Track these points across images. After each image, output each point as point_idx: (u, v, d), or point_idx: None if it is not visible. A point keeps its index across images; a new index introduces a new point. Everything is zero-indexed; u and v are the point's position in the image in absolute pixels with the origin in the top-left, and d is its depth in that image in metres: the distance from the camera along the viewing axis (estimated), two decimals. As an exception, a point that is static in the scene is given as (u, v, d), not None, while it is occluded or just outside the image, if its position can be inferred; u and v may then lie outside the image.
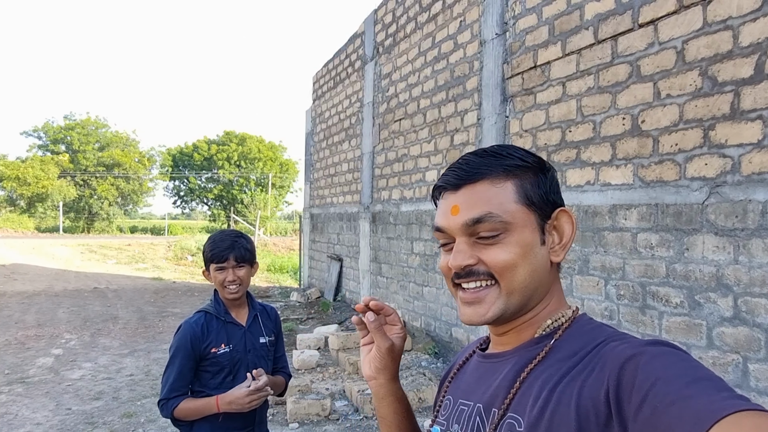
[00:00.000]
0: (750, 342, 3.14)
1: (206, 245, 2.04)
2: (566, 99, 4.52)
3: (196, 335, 1.96)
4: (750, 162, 3.15)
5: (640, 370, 0.60)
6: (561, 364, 0.71)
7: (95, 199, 37.95)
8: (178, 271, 17.04)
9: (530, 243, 0.76)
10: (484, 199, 0.76)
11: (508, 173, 0.77)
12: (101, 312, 9.71)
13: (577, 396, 0.65)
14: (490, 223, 0.75)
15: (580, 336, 0.75)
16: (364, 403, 4.65)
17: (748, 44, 3.16)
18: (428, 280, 6.75)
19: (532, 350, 0.76)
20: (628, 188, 3.93)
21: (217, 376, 1.98)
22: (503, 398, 0.74)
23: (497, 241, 0.75)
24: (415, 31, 7.19)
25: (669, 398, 0.55)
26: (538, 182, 0.78)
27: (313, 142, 11.98)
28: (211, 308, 2.04)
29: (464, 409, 0.82)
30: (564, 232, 0.79)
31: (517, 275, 0.75)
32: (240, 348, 2.03)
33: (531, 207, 0.77)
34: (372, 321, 0.91)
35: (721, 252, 3.30)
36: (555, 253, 0.78)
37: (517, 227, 0.76)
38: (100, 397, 5.08)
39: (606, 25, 4.11)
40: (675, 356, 0.62)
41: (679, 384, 0.56)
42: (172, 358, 1.96)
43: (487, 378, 0.81)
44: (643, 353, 0.63)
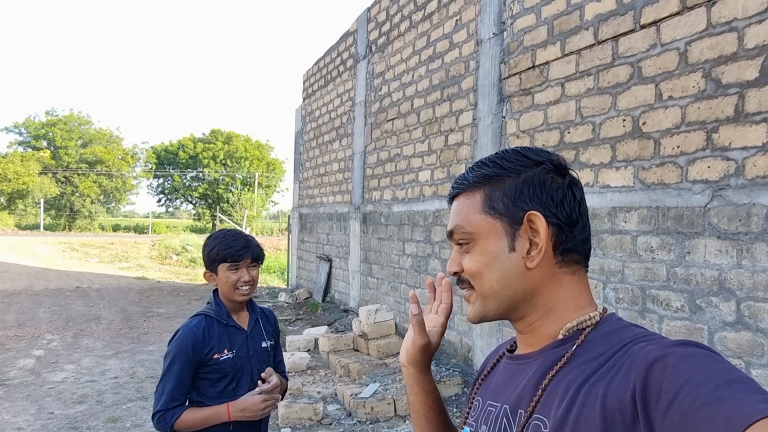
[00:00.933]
0: (753, 347, 3.11)
1: (214, 244, 1.91)
2: (565, 100, 4.47)
3: (198, 340, 1.83)
4: (754, 165, 3.12)
5: (668, 371, 0.59)
6: (587, 365, 0.70)
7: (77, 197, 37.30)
8: (163, 270, 16.77)
9: (493, 251, 0.78)
10: (456, 212, 0.83)
11: (480, 184, 0.81)
12: (84, 312, 9.48)
13: (602, 397, 0.64)
14: (458, 234, 0.81)
15: (607, 336, 0.73)
16: (357, 407, 4.55)
17: (753, 46, 3.13)
18: (420, 282, 6.67)
19: (558, 351, 0.76)
20: (628, 191, 3.89)
21: (218, 384, 1.85)
22: (529, 399, 0.74)
23: (467, 250, 0.81)
24: (409, 30, 7.12)
25: (699, 401, 0.54)
26: (509, 188, 0.78)
27: (302, 141, 11.85)
28: (212, 311, 1.92)
29: (492, 410, 0.82)
30: (538, 236, 0.77)
31: (484, 282, 0.79)
32: (243, 354, 1.92)
33: (495, 215, 0.78)
34: (416, 314, 0.92)
35: (724, 256, 3.27)
36: (530, 258, 0.77)
37: (480, 237, 0.79)
38: (83, 400, 4.92)
39: (607, 26, 4.07)
40: (705, 357, 0.60)
41: (710, 386, 0.55)
42: (170, 365, 1.80)
43: (514, 379, 0.81)
44: (672, 354, 0.61)
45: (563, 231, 0.78)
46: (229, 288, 1.90)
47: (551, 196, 0.78)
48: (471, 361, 5.65)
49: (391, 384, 4.99)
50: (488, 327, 5.35)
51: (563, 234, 0.78)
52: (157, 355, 6.62)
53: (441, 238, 6.22)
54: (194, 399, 1.84)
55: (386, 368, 5.63)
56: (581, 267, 0.81)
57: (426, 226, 6.55)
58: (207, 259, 1.93)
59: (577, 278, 0.80)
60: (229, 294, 1.91)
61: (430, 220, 6.47)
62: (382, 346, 6.06)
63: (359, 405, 4.56)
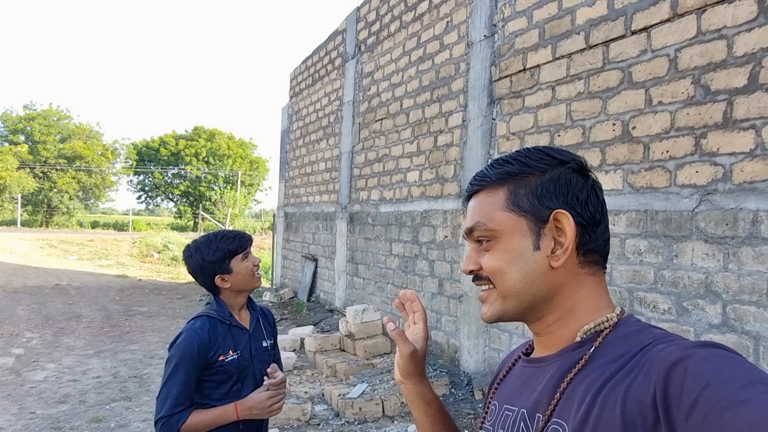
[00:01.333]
0: (738, 349, 3.17)
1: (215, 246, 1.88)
2: (555, 103, 4.51)
3: (203, 342, 1.79)
4: (742, 171, 3.19)
5: (690, 373, 0.58)
6: (605, 368, 0.69)
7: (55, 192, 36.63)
8: (144, 268, 16.55)
9: (518, 249, 0.77)
10: (477, 208, 0.81)
11: (503, 181, 0.79)
12: (63, 310, 9.31)
13: (622, 400, 0.64)
14: (479, 231, 0.80)
15: (625, 338, 0.73)
16: (345, 407, 4.54)
17: (742, 54, 3.19)
18: (407, 283, 6.68)
19: (575, 354, 0.75)
20: (617, 194, 3.94)
21: (223, 386, 1.83)
22: (547, 403, 0.73)
23: (488, 248, 0.79)
24: (399, 30, 7.12)
25: (721, 403, 0.53)
26: (535, 186, 0.78)
27: (289, 140, 11.78)
28: (214, 312, 1.89)
29: (509, 414, 0.81)
30: (564, 234, 0.77)
31: (506, 280, 0.77)
32: (246, 354, 1.90)
33: (521, 213, 0.77)
34: (393, 330, 0.92)
35: (711, 259, 3.33)
36: (555, 257, 0.76)
37: (504, 234, 0.78)
38: (65, 400, 4.82)
39: (598, 31, 4.12)
40: (727, 358, 0.60)
41: (733, 388, 0.54)
42: (174, 369, 1.75)
43: (531, 383, 0.80)
44: (692, 356, 0.60)
45: (587, 231, 0.78)
46: (248, 277, 1.91)
47: (576, 196, 0.78)
48: (458, 361, 5.67)
49: (379, 384, 4.99)
50: (475, 328, 5.38)
51: (587, 234, 0.78)
52: (139, 354, 6.53)
53: (429, 239, 6.23)
54: (197, 402, 1.80)
55: (373, 369, 5.62)
56: (600, 268, 0.80)
57: (413, 226, 6.56)
58: (213, 262, 1.87)
59: (596, 279, 0.79)
60: (248, 283, 1.92)
61: (417, 220, 6.48)
62: (369, 346, 6.05)
63: (347, 405, 4.55)
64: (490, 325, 5.15)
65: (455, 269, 5.77)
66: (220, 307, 1.92)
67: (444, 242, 5.96)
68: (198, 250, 1.90)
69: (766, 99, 3.08)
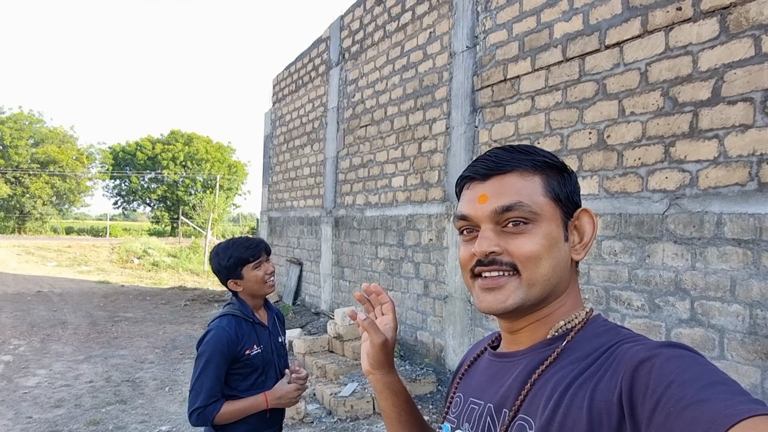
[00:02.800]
0: (705, 341, 3.44)
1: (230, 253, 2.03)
2: (535, 112, 4.76)
3: (232, 338, 1.95)
4: (707, 177, 3.46)
5: (654, 372, 0.60)
6: (574, 366, 0.71)
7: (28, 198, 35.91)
8: (125, 274, 16.42)
9: (556, 237, 0.77)
10: (514, 189, 0.77)
11: (537, 168, 0.79)
12: (48, 317, 9.26)
13: (589, 398, 0.65)
14: (519, 212, 0.76)
15: (593, 337, 0.74)
16: (337, 406, 4.71)
17: (706, 69, 3.47)
18: (393, 285, 6.87)
19: (545, 351, 0.76)
20: (593, 198, 4.20)
21: (249, 378, 2.00)
22: (514, 399, 0.74)
23: (524, 231, 0.76)
24: (383, 39, 7.32)
25: (683, 402, 0.55)
26: (564, 181, 0.81)
27: (272, 145, 11.88)
28: (238, 311, 2.05)
29: (475, 408, 0.81)
30: (585, 231, 0.81)
31: (540, 267, 0.76)
32: (268, 348, 2.08)
33: (558, 203, 0.79)
34: (364, 319, 0.92)
35: (680, 259, 3.59)
36: (576, 251, 0.79)
37: (545, 219, 0.77)
38: (61, 404, 4.89)
39: (574, 45, 4.38)
40: (690, 359, 0.61)
41: (694, 387, 0.56)
42: (206, 364, 1.89)
43: (498, 378, 0.80)
44: (658, 355, 0.62)
45: None
46: (259, 284, 2.05)
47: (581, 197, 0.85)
48: (443, 360, 5.88)
49: (369, 383, 5.16)
50: (460, 327, 5.60)
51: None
52: (130, 359, 6.59)
53: (414, 242, 6.43)
54: (226, 394, 1.95)
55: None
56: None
57: (399, 230, 6.75)
58: (227, 268, 2.03)
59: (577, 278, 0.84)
60: (259, 290, 2.06)
61: (403, 224, 6.68)
62: (358, 347, 6.22)
63: (339, 404, 4.71)
64: (474, 324, 5.37)
65: (440, 271, 5.98)
66: (243, 306, 2.07)
67: (429, 245, 6.17)
68: (217, 254, 2.07)
69: (728, 111, 3.35)
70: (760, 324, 3.19)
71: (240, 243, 2.07)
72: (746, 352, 3.26)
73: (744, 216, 3.26)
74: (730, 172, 3.34)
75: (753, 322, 3.22)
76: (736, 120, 3.31)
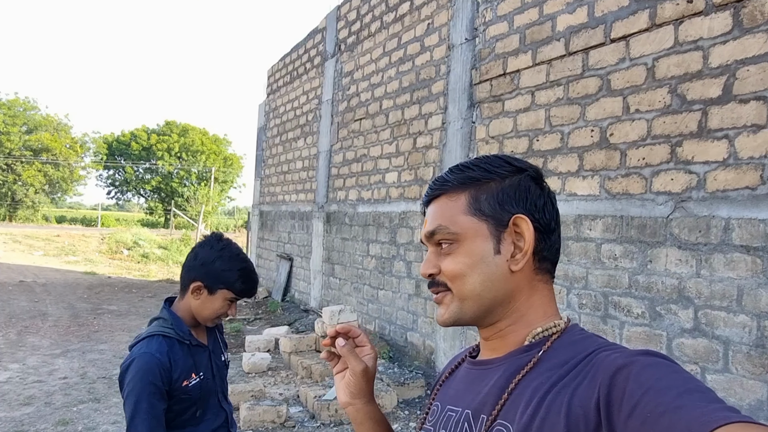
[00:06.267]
0: (709, 353, 3.25)
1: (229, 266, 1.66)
2: (535, 108, 4.56)
3: (164, 367, 1.55)
4: (715, 179, 3.27)
5: (631, 379, 0.60)
6: (552, 372, 0.71)
7: (20, 185, 35.51)
8: (113, 265, 16.15)
9: (479, 253, 0.78)
10: (439, 213, 0.81)
11: (464, 186, 0.80)
12: (28, 308, 9.01)
13: (567, 404, 0.65)
14: (440, 235, 0.80)
15: (571, 345, 0.75)
16: (320, 409, 4.50)
17: (717, 65, 3.27)
18: (384, 284, 6.67)
19: (523, 358, 0.76)
20: (593, 199, 4.00)
21: (184, 413, 1.62)
22: (493, 405, 0.74)
23: (450, 251, 0.79)
24: (380, 31, 7.10)
25: (660, 409, 0.55)
26: (496, 191, 0.80)
27: (265, 138, 11.66)
28: (170, 330, 1.63)
29: (452, 415, 0.81)
30: (523, 239, 0.78)
31: (466, 283, 0.78)
32: (209, 374, 1.70)
33: (482, 217, 0.79)
34: (343, 346, 0.91)
35: (684, 265, 3.40)
36: (514, 261, 0.78)
37: (466, 238, 0.78)
38: (30, 402, 4.66)
39: (577, 38, 4.17)
40: (667, 367, 0.62)
41: (671, 395, 0.56)
42: (137, 405, 1.48)
43: (476, 384, 0.80)
44: (635, 363, 0.63)
45: (543, 238, 0.80)
46: (213, 315, 1.68)
47: (534, 203, 0.80)
48: (434, 363, 5.69)
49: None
50: (452, 330, 5.40)
51: (543, 241, 0.80)
52: (109, 354, 6.37)
53: (407, 240, 6.23)
54: None
55: (349, 370, 5.59)
56: (551, 276, 0.83)
57: (391, 227, 6.55)
58: (213, 274, 1.65)
59: (548, 287, 0.82)
60: (206, 319, 1.69)
61: (395, 221, 6.48)
62: (345, 347, 6.01)
63: (323, 407, 4.51)
64: (466, 327, 5.18)
65: (432, 271, 5.78)
66: (178, 323, 1.66)
67: (422, 244, 5.97)
68: (223, 250, 1.69)
69: (740, 110, 3.16)
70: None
71: (248, 268, 1.70)
72: (752, 365, 3.07)
73: (754, 222, 3.08)
74: (740, 174, 3.15)
75: (760, 334, 3.03)
76: (748, 119, 3.12)
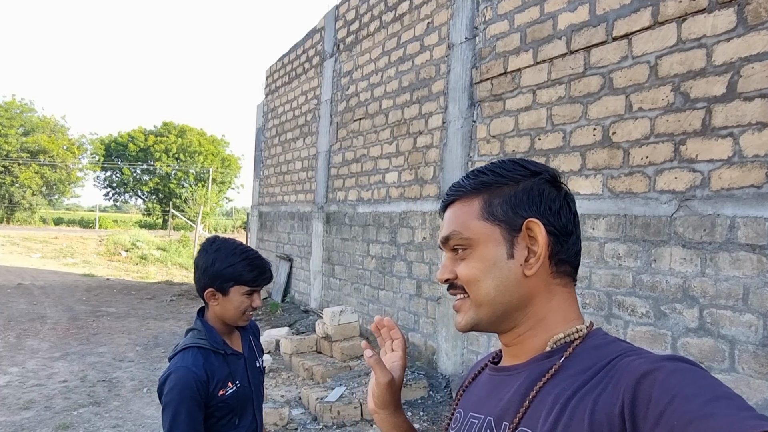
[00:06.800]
0: (714, 353, 3.23)
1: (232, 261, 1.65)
2: (536, 107, 4.53)
3: (201, 380, 1.56)
4: (719, 177, 3.24)
5: (657, 386, 0.59)
6: (575, 379, 0.70)
7: (17, 188, 35.38)
8: (112, 267, 16.10)
9: (492, 258, 0.77)
10: (453, 218, 0.81)
11: (477, 191, 0.80)
12: (27, 310, 8.97)
13: (591, 411, 0.64)
14: (455, 240, 0.80)
15: (594, 350, 0.73)
16: (323, 411, 4.48)
17: (721, 63, 3.25)
18: (384, 284, 6.64)
19: (545, 364, 0.75)
20: (596, 198, 3.98)
21: (222, 420, 1.65)
22: (515, 411, 0.73)
23: (464, 256, 0.79)
24: (379, 30, 7.07)
25: (687, 417, 0.54)
26: (509, 196, 0.79)
27: (264, 138, 11.62)
28: (205, 342, 1.64)
29: (474, 422, 0.80)
30: (536, 243, 0.78)
31: (480, 289, 0.77)
32: (245, 382, 1.71)
33: (495, 222, 0.78)
34: (370, 356, 0.91)
35: (689, 264, 3.38)
36: (528, 266, 0.77)
37: (479, 243, 0.78)
38: (30, 406, 4.63)
39: (579, 36, 4.15)
40: (693, 373, 0.60)
41: (698, 402, 0.55)
42: (175, 417, 1.50)
43: (498, 391, 0.79)
44: (661, 369, 0.61)
45: (559, 241, 0.79)
46: (237, 313, 1.67)
47: (549, 206, 0.79)
48: (435, 363, 5.66)
49: (357, 387, 4.94)
50: (453, 330, 5.38)
51: (559, 244, 0.79)
52: (108, 357, 6.33)
53: (407, 240, 6.21)
54: None
55: (351, 371, 5.56)
56: (571, 280, 0.81)
57: (392, 227, 6.52)
58: (217, 275, 1.64)
59: (567, 290, 0.80)
60: (233, 319, 1.69)
61: (395, 221, 6.45)
62: (347, 348, 5.99)
63: (325, 409, 4.48)
64: (468, 327, 5.15)
65: (433, 271, 5.75)
66: (211, 333, 1.68)
67: (422, 244, 5.95)
68: (218, 250, 1.67)
69: (744, 107, 3.14)
70: (774, 336, 2.98)
71: (251, 257, 1.68)
72: (759, 365, 3.05)
73: (759, 220, 3.06)
74: (745, 172, 3.13)
75: (767, 334, 3.01)
76: (753, 117, 3.10)
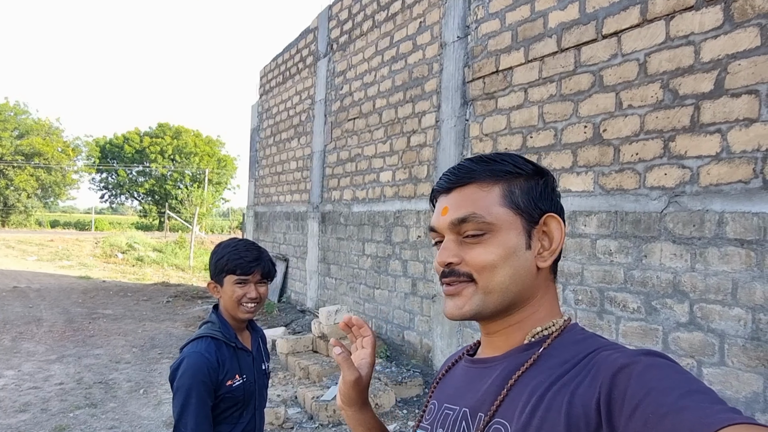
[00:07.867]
0: (704, 347, 3.27)
1: (223, 253, 1.76)
2: (528, 105, 4.56)
3: (213, 366, 1.63)
4: (708, 173, 3.28)
5: (633, 379, 0.60)
6: (552, 371, 0.71)
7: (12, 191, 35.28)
8: (108, 269, 16.07)
9: (513, 246, 0.77)
10: (470, 200, 0.79)
11: (497, 178, 0.79)
12: (23, 313, 8.96)
13: (567, 403, 0.65)
14: (474, 223, 0.77)
15: (572, 344, 0.74)
16: (319, 410, 4.50)
17: (708, 60, 3.28)
18: (380, 283, 6.67)
19: (522, 356, 0.76)
20: (588, 195, 4.01)
21: (226, 413, 1.70)
22: (491, 403, 0.74)
23: (480, 241, 0.77)
24: (372, 30, 7.09)
25: (662, 410, 0.55)
26: (529, 188, 0.80)
27: (259, 138, 11.62)
28: (218, 333, 1.73)
29: (449, 413, 0.80)
30: (553, 237, 0.79)
31: (496, 275, 0.76)
32: (251, 378, 1.78)
33: (517, 211, 0.78)
34: (339, 354, 0.91)
35: (679, 260, 3.41)
36: (542, 258, 0.79)
37: (501, 229, 0.77)
38: (26, 408, 4.63)
39: (570, 34, 4.18)
40: (669, 368, 0.61)
41: (673, 396, 0.56)
42: (185, 402, 1.57)
43: (474, 383, 0.80)
44: (637, 363, 0.62)
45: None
46: (232, 303, 1.75)
47: (558, 204, 0.83)
48: (431, 361, 5.69)
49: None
50: (449, 328, 5.41)
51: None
52: (105, 359, 6.34)
53: (402, 239, 6.23)
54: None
55: (347, 370, 5.58)
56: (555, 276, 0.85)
57: (387, 226, 6.54)
58: (214, 268, 1.77)
59: (554, 286, 0.83)
60: (232, 310, 1.76)
61: (390, 220, 6.47)
62: (342, 347, 6.00)
63: (321, 408, 4.50)
64: (463, 324, 5.18)
65: (428, 269, 5.78)
66: (225, 326, 1.77)
67: (417, 242, 5.97)
68: (217, 247, 1.79)
69: (732, 104, 3.17)
70: (763, 329, 3.02)
71: (239, 248, 1.76)
72: (748, 358, 3.09)
73: (747, 215, 3.09)
74: (733, 168, 3.16)
75: (756, 327, 3.05)
76: (740, 114, 3.13)
